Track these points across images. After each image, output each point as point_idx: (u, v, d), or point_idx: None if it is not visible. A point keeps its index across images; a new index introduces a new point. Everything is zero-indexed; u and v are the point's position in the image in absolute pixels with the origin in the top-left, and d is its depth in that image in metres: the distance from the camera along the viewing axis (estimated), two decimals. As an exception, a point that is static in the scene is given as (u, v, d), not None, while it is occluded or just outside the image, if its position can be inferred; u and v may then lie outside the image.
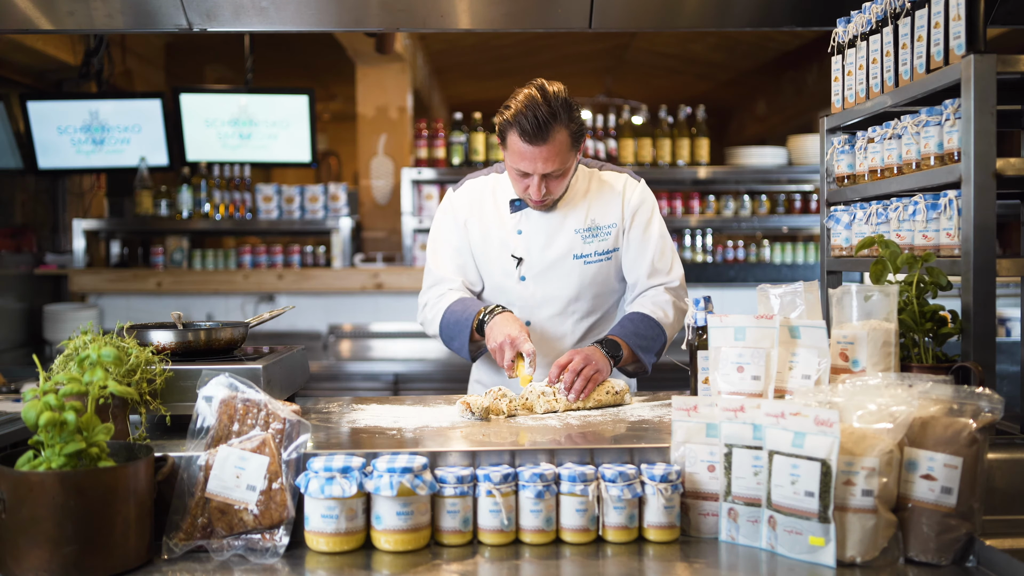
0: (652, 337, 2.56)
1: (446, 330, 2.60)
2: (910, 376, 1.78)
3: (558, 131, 2.40)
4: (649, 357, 2.56)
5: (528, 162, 2.43)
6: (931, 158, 2.09)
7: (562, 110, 2.40)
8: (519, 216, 2.64)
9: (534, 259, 2.63)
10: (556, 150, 2.42)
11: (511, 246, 2.65)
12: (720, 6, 3.34)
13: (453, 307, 2.59)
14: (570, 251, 2.62)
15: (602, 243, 2.64)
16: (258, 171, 7.17)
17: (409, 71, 6.38)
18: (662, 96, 6.62)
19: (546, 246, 2.63)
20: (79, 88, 5.63)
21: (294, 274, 5.40)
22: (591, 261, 2.64)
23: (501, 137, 2.49)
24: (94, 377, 1.73)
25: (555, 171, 2.45)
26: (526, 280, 2.64)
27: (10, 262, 5.20)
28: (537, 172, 2.44)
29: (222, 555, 1.71)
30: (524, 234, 2.64)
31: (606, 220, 2.64)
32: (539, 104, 2.38)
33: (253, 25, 3.26)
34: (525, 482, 1.76)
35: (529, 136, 2.38)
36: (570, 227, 2.63)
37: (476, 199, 2.70)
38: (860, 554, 1.63)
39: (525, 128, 2.38)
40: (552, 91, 2.42)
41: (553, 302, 2.64)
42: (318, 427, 2.11)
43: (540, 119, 2.37)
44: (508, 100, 2.45)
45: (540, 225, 2.63)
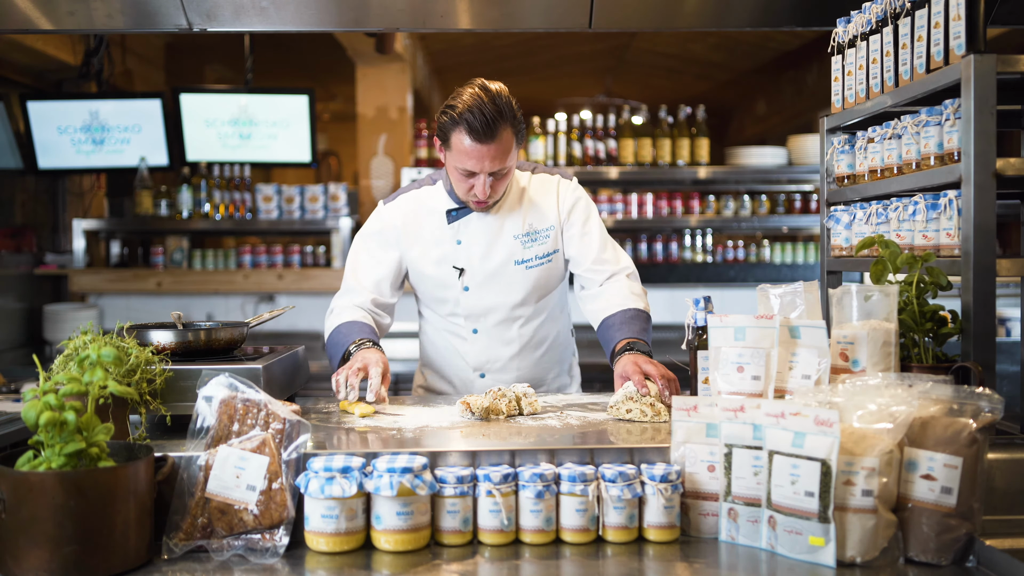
0: (646, 330, 2.58)
1: (329, 348, 2.60)
2: (910, 376, 1.78)
3: (504, 129, 2.41)
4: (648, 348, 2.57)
5: (475, 161, 2.41)
6: (931, 158, 2.09)
7: (507, 108, 2.41)
8: (457, 226, 2.63)
9: (475, 268, 2.63)
10: (503, 148, 2.42)
11: (451, 257, 2.64)
12: (720, 6, 3.34)
13: (341, 327, 2.57)
14: (511, 257, 2.63)
15: (541, 246, 2.64)
16: (258, 171, 7.17)
17: (409, 71, 6.38)
18: (662, 96, 6.61)
19: (486, 254, 2.62)
20: (79, 88, 5.63)
21: (294, 274, 5.40)
22: (532, 265, 2.64)
23: (443, 137, 2.47)
24: (94, 377, 1.73)
25: (501, 169, 2.46)
26: (469, 290, 2.64)
27: (10, 262, 5.20)
28: (484, 171, 2.43)
29: (222, 555, 1.71)
30: (464, 244, 2.63)
31: (543, 223, 2.65)
32: (485, 102, 2.38)
33: (253, 25, 3.26)
34: (525, 482, 1.76)
35: (478, 134, 2.37)
36: (508, 233, 2.62)
37: (411, 212, 2.67)
38: (860, 554, 1.63)
39: (474, 126, 2.37)
40: (495, 89, 2.42)
41: (498, 309, 2.64)
42: (318, 427, 2.11)
43: (488, 117, 2.36)
44: (449, 100, 2.44)
45: (479, 233, 2.62)
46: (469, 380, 2.72)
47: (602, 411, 2.29)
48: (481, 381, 2.71)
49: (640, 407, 2.17)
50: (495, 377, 2.70)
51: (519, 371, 2.71)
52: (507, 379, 2.70)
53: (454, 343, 2.72)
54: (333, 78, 7.98)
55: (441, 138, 2.48)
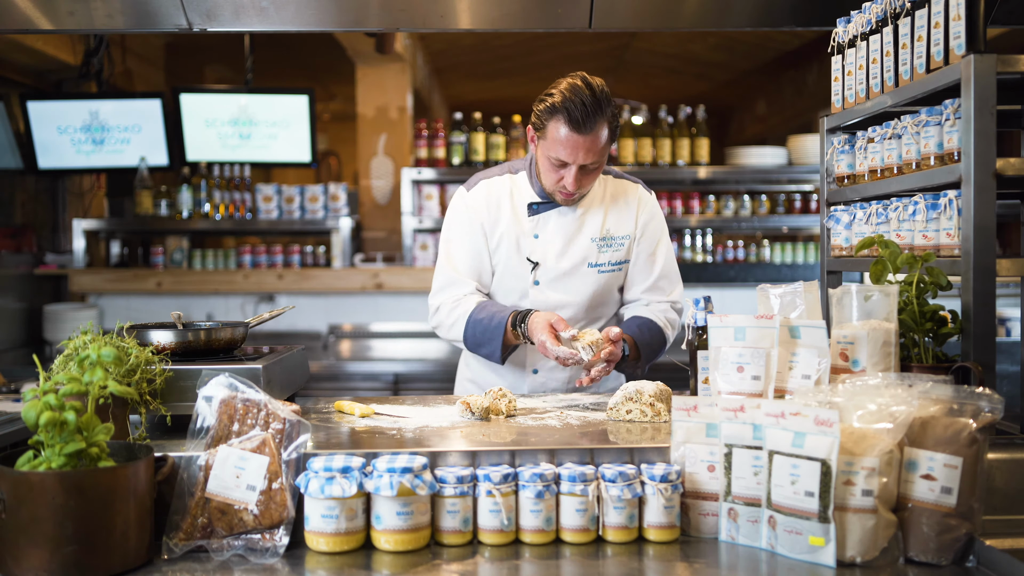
0: (656, 351, 2.62)
1: (473, 337, 2.56)
2: (910, 376, 1.78)
3: (601, 122, 2.42)
4: (646, 366, 2.62)
5: (571, 151, 2.42)
6: (931, 158, 2.09)
7: (606, 102, 2.42)
8: (537, 220, 2.63)
9: (550, 265, 2.62)
10: (598, 141, 2.43)
11: (527, 249, 2.63)
12: (720, 6, 3.34)
13: (477, 314, 2.56)
14: (585, 259, 2.62)
15: (616, 253, 2.65)
16: (258, 171, 7.17)
17: (409, 71, 6.38)
18: (662, 96, 6.61)
19: (563, 253, 2.62)
20: (79, 88, 5.63)
21: (294, 274, 5.40)
22: (604, 271, 2.64)
23: (539, 126, 2.47)
24: (94, 377, 1.73)
25: (593, 163, 2.46)
26: (540, 284, 2.63)
27: (10, 262, 5.20)
28: (577, 162, 2.44)
29: (222, 555, 1.71)
30: (541, 238, 2.62)
31: (620, 231, 2.65)
32: (586, 94, 2.39)
33: (253, 25, 3.26)
34: (525, 482, 1.76)
35: (577, 124, 2.38)
36: (587, 235, 2.63)
37: (492, 200, 2.65)
38: (860, 554, 1.63)
39: (574, 115, 2.37)
40: (597, 83, 2.43)
41: (563, 309, 2.63)
42: (318, 427, 2.11)
43: (588, 107, 2.37)
44: (549, 89, 2.46)
45: (558, 230, 2.62)
46: (520, 376, 2.69)
47: (602, 411, 2.29)
48: (532, 377, 2.68)
49: (640, 407, 2.17)
50: (547, 375, 2.67)
51: (571, 371, 2.68)
52: (559, 377, 2.68)
53: None
54: (333, 78, 7.98)
55: (536, 126, 2.49)
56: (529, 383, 2.68)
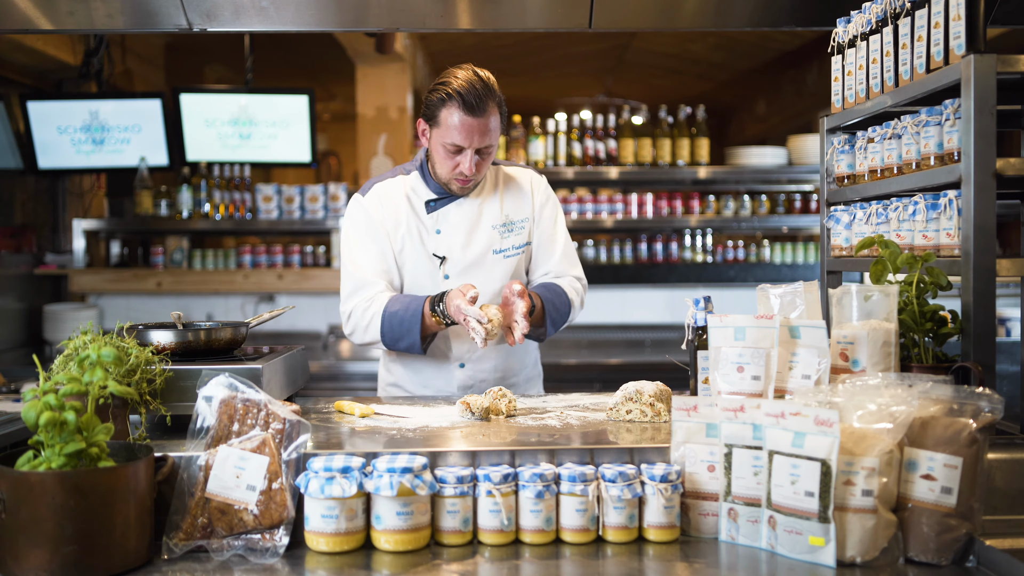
0: (562, 312, 2.68)
1: (391, 331, 2.56)
2: (910, 376, 1.78)
3: (493, 107, 2.52)
4: (551, 329, 2.68)
5: (465, 135, 2.49)
6: (931, 158, 2.09)
7: (494, 89, 2.54)
8: (436, 215, 2.68)
9: (456, 257, 2.67)
10: (490, 125, 2.52)
11: (431, 246, 2.67)
12: (720, 6, 3.34)
13: (391, 307, 2.56)
14: (489, 247, 2.69)
15: (517, 237, 2.72)
16: (258, 171, 7.17)
17: (409, 71, 6.38)
18: (662, 96, 6.62)
19: (466, 243, 2.67)
20: (79, 88, 5.63)
21: (294, 274, 5.40)
22: (509, 255, 2.71)
23: (430, 115, 2.54)
24: (94, 377, 1.73)
25: (487, 146, 2.54)
26: (450, 278, 2.66)
27: (10, 262, 5.20)
28: (473, 146, 2.51)
29: (222, 555, 1.71)
30: (443, 233, 2.67)
31: (519, 214, 2.73)
32: (477, 80, 2.50)
33: (253, 25, 3.26)
34: (525, 482, 1.76)
35: (471, 108, 2.47)
36: (487, 222, 2.69)
37: (389, 202, 2.68)
38: (860, 554, 1.63)
39: (468, 100, 2.46)
40: (484, 72, 2.54)
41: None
42: (318, 427, 2.11)
43: (480, 91, 2.48)
44: (439, 79, 2.54)
45: (459, 222, 2.68)
46: (448, 371, 2.69)
47: (602, 411, 2.29)
48: (460, 372, 2.69)
49: (640, 407, 2.17)
50: (474, 367, 2.69)
51: (495, 360, 2.71)
52: (486, 368, 2.70)
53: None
54: (333, 78, 7.98)
55: (427, 116, 2.56)
56: (458, 379, 2.69)
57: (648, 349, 5.47)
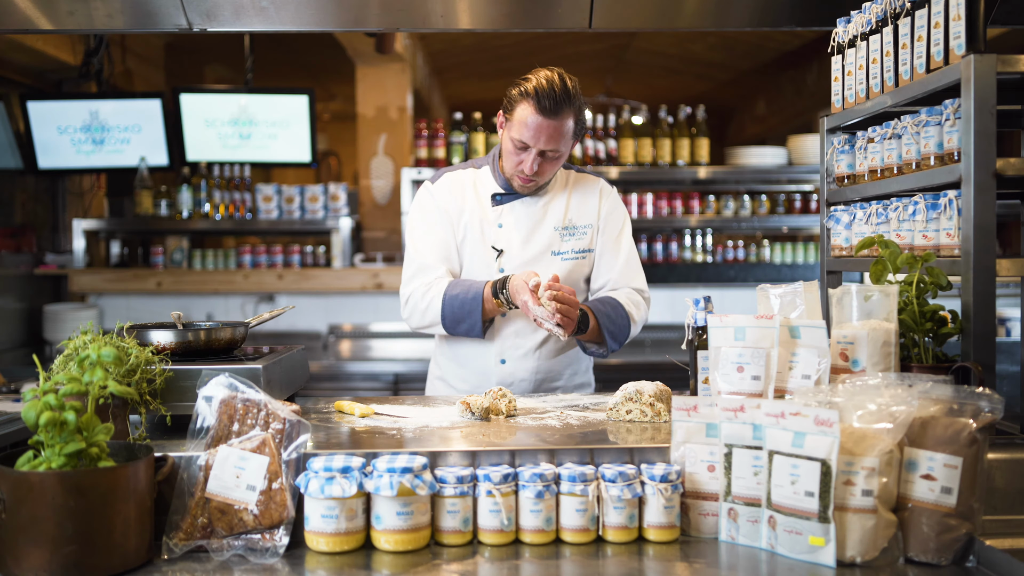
0: (621, 325, 2.65)
1: (452, 313, 2.60)
2: (910, 376, 1.78)
3: (568, 113, 2.51)
4: (612, 343, 2.65)
5: (534, 134, 2.50)
6: (931, 158, 2.09)
7: (576, 97, 2.53)
8: (501, 209, 2.70)
9: (514, 252, 2.67)
10: (561, 130, 2.52)
11: (491, 238, 2.69)
12: (720, 6, 3.34)
13: (452, 290, 2.60)
14: (549, 247, 2.69)
15: (579, 241, 2.71)
16: (258, 171, 7.17)
17: (409, 71, 6.38)
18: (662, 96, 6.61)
19: (526, 240, 2.68)
20: (79, 88, 5.63)
21: (294, 274, 5.40)
22: (568, 258, 2.70)
23: (509, 108, 2.56)
24: (94, 377, 1.73)
25: (553, 151, 2.54)
26: (504, 272, 2.67)
27: (10, 262, 5.20)
28: (538, 146, 2.52)
29: (222, 555, 1.71)
30: (505, 227, 2.69)
31: (583, 220, 2.72)
32: (558, 83, 2.50)
33: (253, 25, 3.26)
34: (525, 482, 1.76)
35: (545, 109, 2.47)
36: (550, 223, 2.70)
37: (457, 191, 2.73)
38: (860, 554, 1.63)
39: (543, 100, 2.47)
40: (571, 80, 2.55)
41: None
42: (318, 427, 2.11)
43: (558, 95, 2.48)
44: (527, 75, 2.56)
45: (521, 219, 2.69)
46: (488, 367, 2.71)
47: (602, 411, 2.29)
48: (500, 367, 2.69)
49: (640, 407, 2.17)
50: (515, 365, 2.69)
51: (538, 361, 2.71)
52: (527, 367, 2.70)
53: None
54: (333, 78, 7.98)
55: (506, 109, 2.58)
56: (498, 374, 2.70)
57: (648, 349, 5.47)
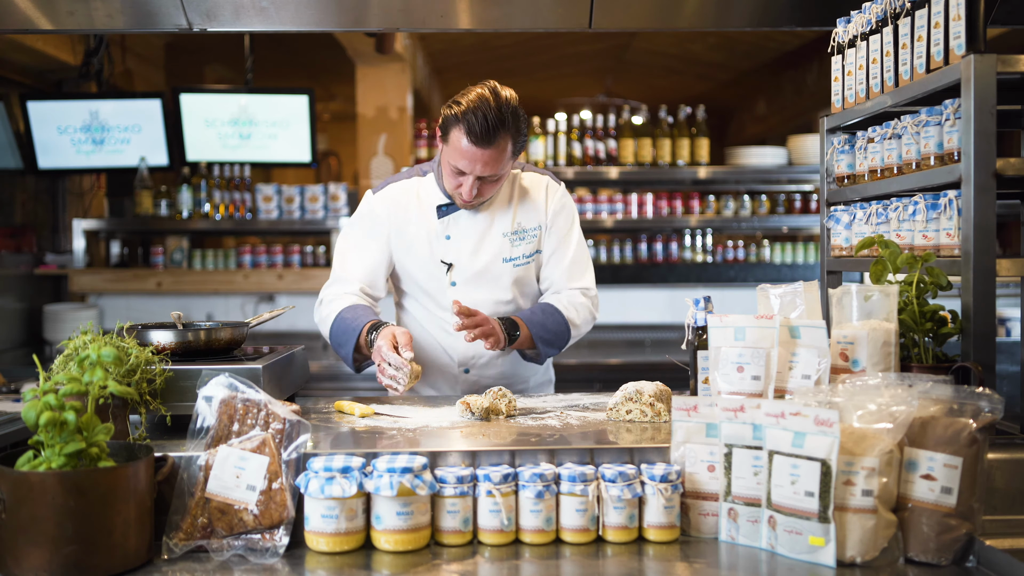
0: (557, 332, 2.62)
1: (335, 336, 2.57)
2: (910, 376, 1.78)
3: (503, 138, 2.41)
4: (548, 350, 2.63)
5: (468, 162, 2.42)
6: (931, 158, 2.09)
7: (511, 118, 2.41)
8: (447, 221, 2.63)
9: (464, 264, 2.63)
10: (497, 156, 2.43)
11: (439, 252, 2.63)
12: (720, 6, 3.34)
13: (344, 314, 2.56)
14: (499, 255, 2.64)
15: (528, 245, 2.67)
16: (258, 171, 7.17)
17: (409, 71, 6.38)
18: (662, 96, 6.61)
19: (475, 251, 2.63)
20: (79, 88, 5.63)
21: (294, 274, 5.40)
22: (519, 264, 2.67)
23: (444, 130, 2.46)
24: (94, 377, 1.73)
25: (491, 176, 2.47)
26: (456, 285, 2.64)
27: (10, 262, 5.20)
28: (474, 173, 2.45)
29: (222, 555, 1.71)
30: (453, 239, 2.63)
31: (531, 223, 2.67)
32: (491, 107, 2.38)
33: (253, 25, 3.26)
34: (525, 482, 1.76)
35: (475, 137, 2.38)
36: (498, 231, 2.64)
37: (400, 203, 2.66)
38: (860, 554, 1.63)
39: (473, 128, 2.37)
40: (504, 96, 2.42)
41: (483, 305, 2.62)
42: (318, 427, 2.11)
43: (490, 122, 2.36)
44: (458, 95, 2.44)
45: (468, 229, 2.63)
46: (452, 376, 2.70)
47: (602, 411, 2.29)
48: (465, 376, 2.70)
49: (640, 407, 2.17)
50: (479, 372, 2.69)
51: (502, 367, 2.71)
52: (491, 374, 2.70)
53: (439, 338, 2.69)
54: (333, 78, 7.98)
55: (442, 130, 2.48)
56: (463, 383, 2.70)
57: (648, 349, 5.47)
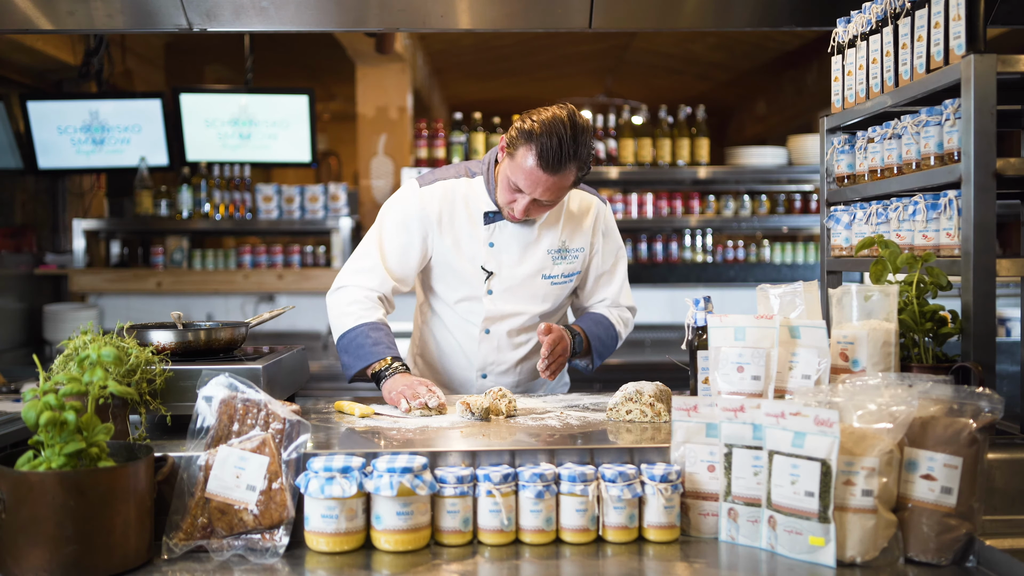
0: (609, 346, 2.69)
1: (349, 344, 2.49)
2: (910, 376, 1.78)
3: (571, 167, 2.35)
4: (597, 360, 2.68)
5: (530, 184, 2.36)
6: (931, 158, 2.09)
7: (583, 147, 2.34)
8: (492, 228, 2.58)
9: (504, 274, 2.59)
10: (561, 183, 2.37)
11: (481, 258, 2.58)
12: (720, 6, 3.34)
13: (368, 330, 2.48)
14: (540, 270, 2.61)
15: (570, 265, 2.65)
16: (258, 171, 7.17)
17: (409, 71, 6.38)
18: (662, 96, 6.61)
19: (518, 263, 2.59)
20: (79, 88, 5.63)
21: (294, 274, 5.40)
22: (558, 282, 2.64)
23: (512, 144, 2.38)
24: (94, 377, 1.73)
25: (549, 200, 2.41)
26: (493, 294, 2.61)
27: (10, 262, 5.20)
28: (533, 195, 2.38)
29: (222, 555, 1.71)
30: (496, 247, 2.59)
31: (576, 243, 2.64)
32: (566, 133, 2.30)
33: (253, 25, 3.26)
34: (525, 482, 1.76)
35: (545, 163, 2.31)
36: (543, 246, 2.60)
37: (448, 202, 2.57)
38: (860, 554, 1.63)
39: (545, 153, 2.30)
40: (581, 125, 2.34)
41: (516, 318, 2.63)
42: (318, 427, 2.11)
43: (563, 151, 2.29)
44: (534, 111, 2.36)
45: (514, 241, 2.58)
46: (469, 380, 2.71)
47: (602, 411, 2.29)
48: (481, 381, 2.70)
49: (640, 407, 2.17)
50: (496, 379, 2.69)
51: (520, 375, 2.71)
52: (507, 382, 2.70)
53: (462, 341, 2.68)
54: (333, 78, 7.98)
55: (510, 143, 2.39)
56: (478, 388, 2.70)
57: (648, 349, 5.47)
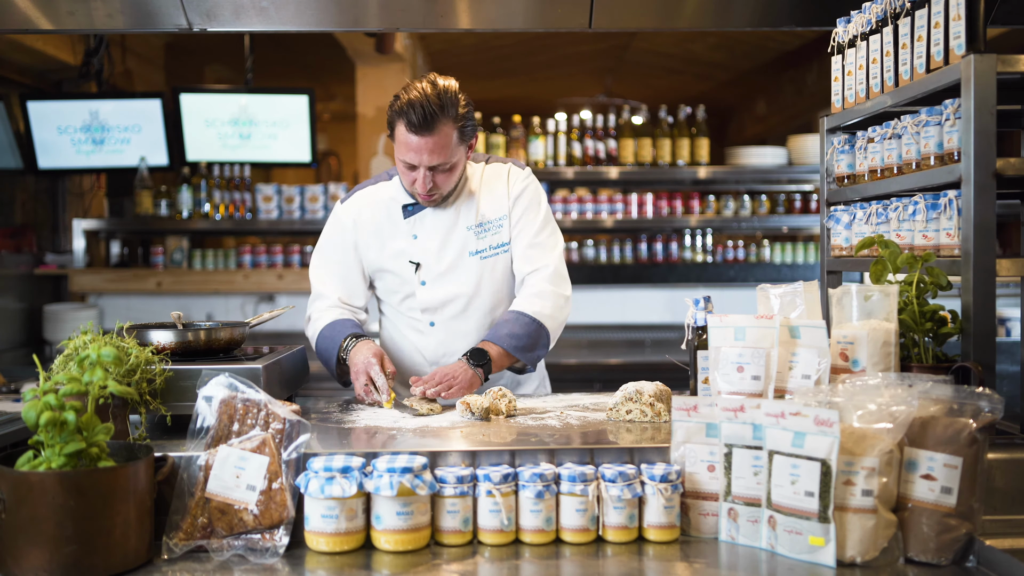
0: (529, 335, 2.53)
1: (320, 354, 2.64)
2: (910, 376, 1.78)
3: (444, 124, 2.42)
4: (529, 355, 2.54)
5: (414, 153, 2.43)
6: (931, 158, 2.09)
7: (450, 104, 2.43)
8: (413, 220, 2.63)
9: (431, 261, 2.63)
10: (441, 142, 2.43)
11: (408, 251, 2.64)
12: (720, 6, 3.34)
13: (325, 331, 2.62)
14: (464, 248, 2.63)
15: (495, 236, 2.65)
16: (258, 171, 7.17)
17: (409, 71, 6.38)
18: (662, 96, 6.61)
19: (441, 248, 2.63)
20: (79, 88, 5.63)
21: (294, 274, 5.40)
22: (487, 256, 2.64)
23: (390, 127, 2.49)
24: (94, 377, 1.73)
25: (441, 164, 2.46)
26: (426, 284, 2.64)
27: (10, 262, 5.20)
28: (423, 164, 2.44)
29: (222, 555, 1.71)
30: (420, 238, 2.63)
31: (495, 212, 2.65)
32: (428, 96, 2.40)
33: (253, 25, 3.26)
34: (525, 482, 1.76)
35: (415, 127, 2.39)
36: (462, 225, 2.63)
37: (366, 209, 2.67)
38: (860, 554, 1.63)
39: (412, 119, 2.39)
40: (442, 85, 2.45)
41: (455, 301, 2.63)
42: (318, 427, 2.11)
43: (427, 111, 2.38)
44: (399, 91, 2.47)
45: (434, 227, 2.63)
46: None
47: (602, 411, 2.29)
48: None
49: (640, 407, 2.17)
50: None
51: None
52: None
53: (411, 337, 2.71)
54: (333, 78, 7.98)
55: (388, 127, 2.51)
56: None
57: (648, 349, 5.47)
